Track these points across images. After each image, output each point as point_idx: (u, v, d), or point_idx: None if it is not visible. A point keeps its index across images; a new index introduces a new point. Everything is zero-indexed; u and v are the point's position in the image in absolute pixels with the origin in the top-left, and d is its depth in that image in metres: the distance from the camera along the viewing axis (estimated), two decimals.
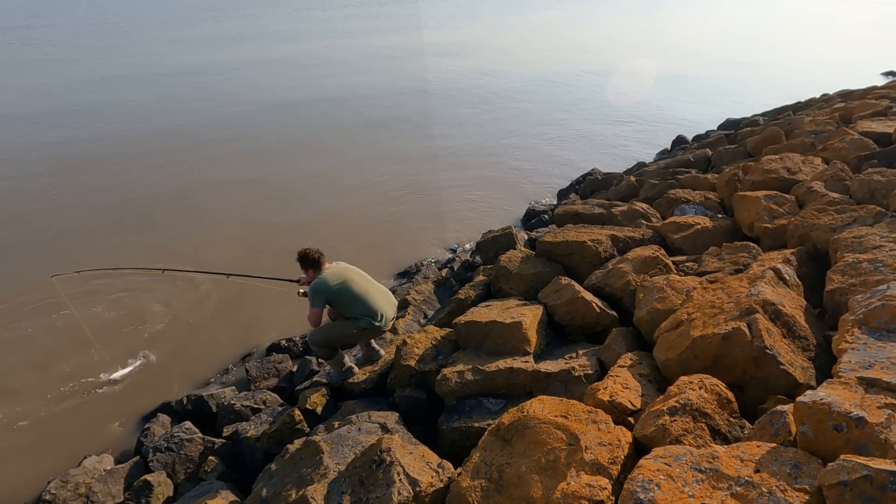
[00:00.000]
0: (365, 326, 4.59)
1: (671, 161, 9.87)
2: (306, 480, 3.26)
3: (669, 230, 5.55)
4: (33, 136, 14.05)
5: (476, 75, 22.44)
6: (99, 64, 23.90)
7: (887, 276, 3.41)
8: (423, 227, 9.52)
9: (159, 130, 14.72)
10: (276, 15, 44.56)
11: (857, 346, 2.71)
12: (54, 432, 5.24)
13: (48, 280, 6.35)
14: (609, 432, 2.75)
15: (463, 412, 3.85)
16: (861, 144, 6.32)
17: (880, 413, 2.14)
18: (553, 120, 16.26)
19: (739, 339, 3.04)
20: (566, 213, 6.75)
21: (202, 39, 32.08)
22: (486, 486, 2.74)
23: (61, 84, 19.93)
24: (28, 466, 4.86)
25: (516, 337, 4.15)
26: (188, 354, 6.31)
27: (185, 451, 4.53)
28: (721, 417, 2.76)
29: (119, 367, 6.03)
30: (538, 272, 5.20)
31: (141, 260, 8.07)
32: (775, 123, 9.90)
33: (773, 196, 5.32)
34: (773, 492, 2.07)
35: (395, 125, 15.58)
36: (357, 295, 4.54)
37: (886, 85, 12.16)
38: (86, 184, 11.11)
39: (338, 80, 20.59)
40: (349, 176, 11.72)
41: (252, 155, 12.99)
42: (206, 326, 6.78)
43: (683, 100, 18.58)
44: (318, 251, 4.62)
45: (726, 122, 14.37)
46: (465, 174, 11.97)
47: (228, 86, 20.01)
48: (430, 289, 6.39)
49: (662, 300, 4.00)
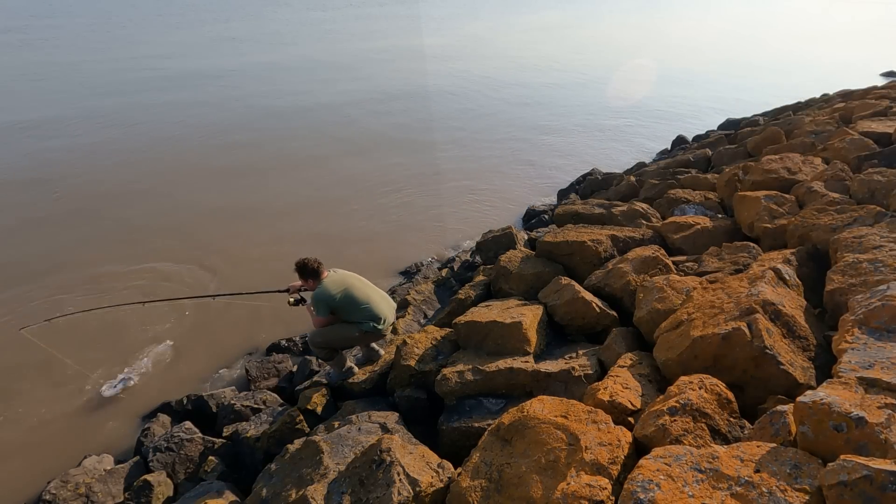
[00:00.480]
0: (367, 330, 4.61)
1: (671, 161, 9.87)
2: (306, 480, 3.26)
3: (669, 230, 5.55)
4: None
5: (477, 76, 22.44)
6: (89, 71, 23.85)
7: (887, 276, 3.41)
8: (423, 227, 9.52)
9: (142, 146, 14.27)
10: (281, 15, 44.56)
11: (857, 346, 2.71)
12: (54, 432, 5.24)
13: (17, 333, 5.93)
14: (609, 432, 2.75)
15: (463, 412, 3.85)
16: (861, 144, 6.33)
17: (880, 413, 2.14)
18: (553, 120, 16.25)
19: (739, 339, 3.04)
20: (566, 213, 6.75)
21: (212, 42, 32.08)
22: (486, 486, 2.74)
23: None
24: (28, 466, 4.86)
25: (516, 337, 4.15)
26: (188, 354, 6.31)
27: (185, 451, 4.53)
28: (721, 417, 2.76)
29: (122, 369, 6.03)
30: (538, 272, 5.20)
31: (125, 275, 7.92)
32: (775, 123, 9.90)
33: (773, 196, 5.32)
34: (773, 492, 2.07)
35: (394, 125, 15.58)
36: (360, 301, 4.56)
37: (886, 85, 12.16)
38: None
39: (337, 86, 20.56)
40: (348, 175, 11.72)
41: (248, 148, 13.02)
42: (206, 326, 6.78)
43: (683, 100, 18.57)
44: (316, 260, 4.58)
45: (726, 122, 14.37)
46: (465, 174, 11.97)
47: (230, 91, 19.99)
48: (430, 289, 6.39)
49: (662, 300, 4.00)
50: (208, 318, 6.93)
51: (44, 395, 5.69)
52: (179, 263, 8.15)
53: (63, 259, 8.23)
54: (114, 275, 7.84)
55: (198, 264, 8.12)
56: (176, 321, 6.84)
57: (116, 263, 8.14)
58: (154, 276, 7.82)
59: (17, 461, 4.93)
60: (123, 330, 6.67)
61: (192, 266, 8.08)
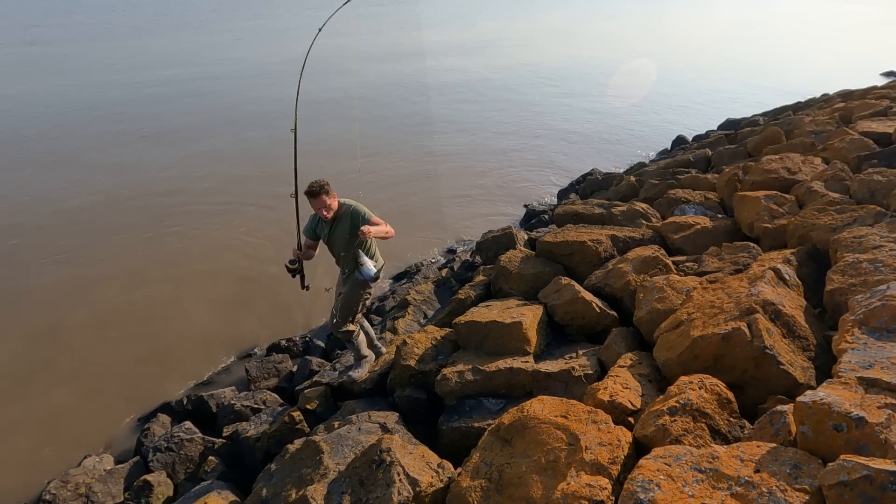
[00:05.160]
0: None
1: (671, 161, 9.86)
2: (306, 480, 3.26)
3: (669, 230, 5.55)
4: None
5: (476, 76, 22.43)
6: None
7: (887, 276, 3.41)
8: (422, 226, 9.52)
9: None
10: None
11: (857, 346, 2.71)
12: (55, 432, 5.24)
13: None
14: (609, 432, 2.75)
15: (463, 412, 3.85)
16: (861, 144, 6.32)
17: (880, 413, 2.14)
18: (553, 120, 16.25)
19: (739, 339, 3.04)
20: (566, 213, 6.75)
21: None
22: (486, 486, 2.74)
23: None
24: (28, 466, 4.86)
25: (516, 337, 4.14)
26: (188, 354, 6.31)
27: (185, 451, 4.53)
28: (721, 417, 2.76)
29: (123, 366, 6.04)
30: (538, 272, 5.19)
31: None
32: (775, 123, 9.90)
33: (773, 196, 5.32)
34: (773, 492, 2.07)
35: (393, 126, 15.58)
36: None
37: (886, 85, 12.15)
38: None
39: (335, 82, 20.57)
40: (349, 176, 11.71)
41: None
42: (206, 326, 6.78)
43: (683, 100, 18.57)
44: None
45: (726, 122, 14.36)
46: (464, 174, 11.97)
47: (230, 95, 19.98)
48: (430, 289, 6.39)
49: (662, 300, 4.00)
50: (209, 317, 6.94)
51: (44, 393, 5.69)
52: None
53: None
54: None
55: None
56: (177, 321, 6.84)
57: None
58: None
59: (18, 461, 4.93)
60: (126, 331, 6.67)
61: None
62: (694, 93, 19.56)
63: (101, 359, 6.20)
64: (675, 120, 16.05)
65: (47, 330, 6.65)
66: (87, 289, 7.49)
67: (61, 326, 6.72)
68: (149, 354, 6.28)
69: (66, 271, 7.92)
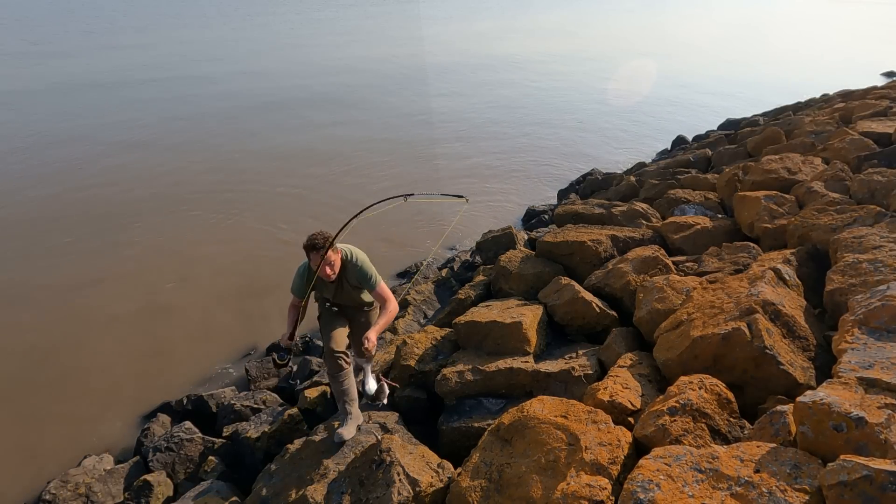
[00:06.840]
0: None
1: (671, 161, 9.86)
2: (306, 480, 3.26)
3: (669, 230, 5.55)
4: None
5: (477, 76, 22.43)
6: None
7: (887, 276, 3.41)
8: (422, 226, 9.52)
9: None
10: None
11: (857, 346, 2.71)
12: (54, 432, 5.24)
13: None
14: (609, 432, 2.75)
15: (463, 412, 3.85)
16: (861, 144, 6.32)
17: (880, 413, 2.14)
18: (552, 120, 16.25)
19: (739, 339, 3.04)
20: (566, 213, 6.75)
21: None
22: (486, 486, 2.74)
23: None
24: (28, 466, 4.86)
25: (516, 337, 4.15)
26: (188, 354, 6.30)
27: (185, 451, 4.53)
28: (721, 417, 2.76)
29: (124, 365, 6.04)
30: (538, 272, 5.19)
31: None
32: (775, 123, 9.90)
33: (773, 196, 5.32)
34: (773, 492, 2.07)
35: (392, 125, 15.58)
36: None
37: (886, 85, 12.15)
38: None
39: (334, 80, 20.58)
40: (348, 175, 11.72)
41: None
42: (206, 326, 6.78)
43: (683, 100, 18.57)
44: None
45: (726, 122, 14.37)
46: (464, 174, 11.96)
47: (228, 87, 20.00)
48: (430, 289, 6.39)
49: (662, 300, 4.00)
50: (209, 317, 6.93)
51: (44, 393, 5.70)
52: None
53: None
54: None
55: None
56: (177, 321, 6.84)
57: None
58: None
59: (18, 461, 4.93)
60: (127, 331, 6.67)
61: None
62: (694, 93, 19.57)
63: (102, 358, 6.20)
64: (675, 120, 16.05)
65: (47, 330, 6.65)
66: (87, 288, 7.49)
67: (61, 326, 6.71)
68: (149, 354, 6.27)
69: (69, 269, 7.94)
